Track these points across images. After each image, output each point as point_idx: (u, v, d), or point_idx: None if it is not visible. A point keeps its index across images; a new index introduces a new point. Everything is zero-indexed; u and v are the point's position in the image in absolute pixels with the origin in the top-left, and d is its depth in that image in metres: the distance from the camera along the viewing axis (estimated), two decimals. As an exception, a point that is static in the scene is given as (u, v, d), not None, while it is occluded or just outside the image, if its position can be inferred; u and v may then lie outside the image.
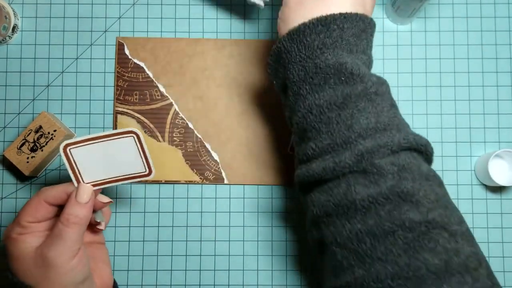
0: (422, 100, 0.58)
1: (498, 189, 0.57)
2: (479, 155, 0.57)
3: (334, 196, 0.37)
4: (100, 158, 0.44)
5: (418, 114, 0.58)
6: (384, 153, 0.36)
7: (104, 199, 0.46)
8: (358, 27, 0.40)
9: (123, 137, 0.44)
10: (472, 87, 0.58)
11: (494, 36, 0.58)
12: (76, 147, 0.44)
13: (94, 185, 0.44)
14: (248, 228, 0.57)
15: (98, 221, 0.46)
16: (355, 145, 0.37)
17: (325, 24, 0.39)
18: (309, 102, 0.39)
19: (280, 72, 0.42)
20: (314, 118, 0.39)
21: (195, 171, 0.57)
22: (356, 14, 0.40)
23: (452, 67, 0.58)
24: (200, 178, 0.57)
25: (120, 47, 0.58)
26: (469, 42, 0.58)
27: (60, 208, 0.43)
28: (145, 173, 0.46)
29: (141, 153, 0.45)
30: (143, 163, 0.45)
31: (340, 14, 0.39)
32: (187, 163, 0.57)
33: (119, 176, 0.45)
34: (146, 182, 0.57)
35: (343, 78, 0.38)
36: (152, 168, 0.46)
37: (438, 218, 0.34)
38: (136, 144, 0.44)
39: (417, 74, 0.58)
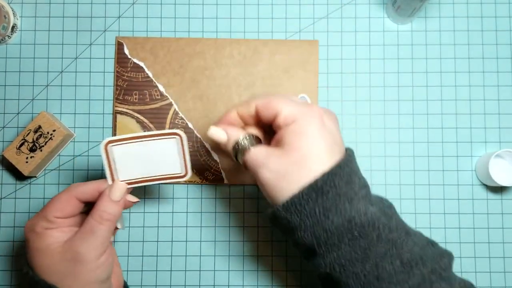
0: (423, 100, 0.58)
1: (498, 189, 0.57)
2: (479, 155, 0.57)
3: None
4: (139, 157, 0.45)
5: (418, 114, 0.58)
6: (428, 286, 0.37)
7: (133, 198, 0.46)
8: (347, 173, 0.39)
9: (167, 138, 0.44)
10: (472, 86, 0.58)
11: (495, 35, 0.58)
12: (117, 145, 0.44)
13: (128, 183, 0.45)
14: (248, 228, 0.57)
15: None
16: None
17: (318, 189, 0.38)
18: (330, 261, 0.39)
19: (286, 233, 0.42)
20: (340, 275, 0.39)
21: (195, 171, 0.57)
22: (340, 163, 0.39)
23: (452, 66, 0.58)
24: (200, 179, 0.57)
25: (119, 46, 0.58)
26: (470, 42, 0.58)
27: (87, 204, 0.44)
28: (181, 174, 0.46)
29: (182, 154, 0.45)
30: (182, 165, 0.46)
31: (328, 174, 0.38)
32: None
33: (154, 176, 0.46)
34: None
35: (356, 234, 0.38)
36: (189, 170, 0.46)
37: None
38: (179, 145, 0.45)
39: (417, 73, 0.58)
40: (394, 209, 0.42)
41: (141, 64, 0.58)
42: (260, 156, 0.40)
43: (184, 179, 0.46)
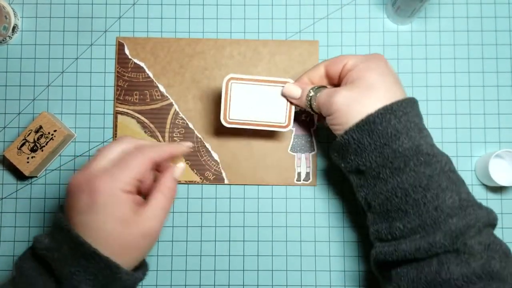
0: (423, 100, 0.58)
1: (498, 189, 0.57)
2: (479, 155, 0.57)
3: (426, 274, 0.39)
4: (253, 100, 0.50)
5: (418, 114, 0.58)
6: (474, 232, 0.39)
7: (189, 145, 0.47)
8: (415, 108, 0.43)
9: (280, 85, 0.50)
10: (472, 87, 0.58)
11: (494, 36, 0.58)
12: (238, 83, 0.50)
13: (235, 123, 0.50)
14: (248, 228, 0.57)
15: None
16: (445, 224, 0.39)
17: (392, 111, 0.41)
18: (392, 186, 0.41)
19: (350, 159, 0.44)
20: (400, 200, 0.41)
21: (195, 171, 0.57)
22: (410, 98, 0.43)
23: (452, 67, 0.58)
24: (200, 178, 0.57)
25: (120, 47, 0.58)
26: (470, 42, 0.58)
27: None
28: (284, 124, 0.51)
29: (288, 105, 0.50)
30: (286, 115, 0.51)
31: (402, 100, 0.42)
32: (187, 163, 0.57)
33: (260, 121, 0.51)
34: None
35: (422, 159, 0.41)
36: (291, 122, 0.51)
37: None
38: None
39: (417, 74, 0.58)
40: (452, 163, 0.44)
41: (142, 64, 0.58)
42: (332, 90, 0.45)
43: (286, 129, 0.51)
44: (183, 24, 0.59)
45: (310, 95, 0.48)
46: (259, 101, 0.51)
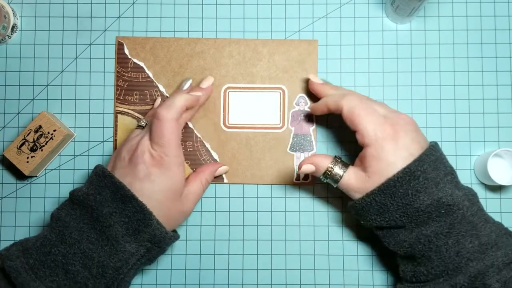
0: (422, 99, 0.58)
1: (497, 188, 0.57)
2: (478, 154, 0.57)
3: None
4: (248, 105, 0.56)
5: (417, 113, 0.58)
6: (493, 272, 0.42)
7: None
8: (432, 160, 0.45)
9: (273, 91, 0.56)
10: (471, 86, 0.58)
11: (494, 35, 0.58)
12: (235, 91, 0.57)
13: (234, 127, 0.56)
14: (248, 227, 0.57)
15: None
16: (466, 268, 0.42)
17: (411, 173, 0.44)
18: (416, 234, 0.45)
19: (370, 218, 0.47)
20: (423, 247, 0.44)
21: (195, 170, 0.57)
22: (426, 152, 0.45)
23: (451, 66, 0.58)
24: None
25: (119, 46, 0.58)
26: (469, 41, 0.58)
27: None
28: (279, 126, 0.57)
29: (281, 108, 0.57)
30: (280, 117, 0.57)
31: (418, 160, 0.44)
32: (186, 162, 0.57)
33: (257, 124, 0.56)
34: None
35: (443, 211, 0.43)
36: (286, 123, 0.57)
37: None
38: (281, 99, 0.56)
39: (416, 73, 0.58)
40: (477, 198, 0.46)
41: (141, 64, 0.58)
42: (350, 184, 0.47)
43: (281, 130, 0.56)
44: (182, 24, 0.59)
45: (328, 174, 0.49)
46: (254, 106, 0.57)
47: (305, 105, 0.57)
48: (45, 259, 0.43)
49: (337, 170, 0.48)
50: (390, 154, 0.45)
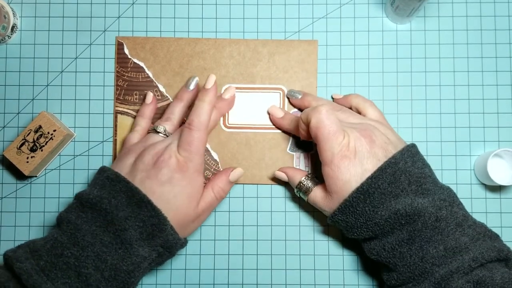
0: (422, 99, 0.58)
1: (497, 189, 0.57)
2: (478, 154, 0.57)
3: None
4: (248, 106, 0.57)
5: (417, 113, 0.58)
6: (457, 277, 0.42)
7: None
8: (389, 174, 0.45)
9: (272, 91, 0.57)
10: (471, 86, 0.58)
11: (493, 35, 0.58)
12: (235, 92, 0.57)
13: (234, 127, 0.57)
14: (248, 227, 0.57)
15: None
16: (431, 273, 0.43)
17: (364, 192, 0.45)
18: (383, 243, 0.46)
19: (345, 232, 0.50)
20: (388, 254, 0.46)
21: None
22: (381, 167, 0.45)
23: (451, 66, 0.58)
24: None
25: (119, 46, 0.58)
26: (469, 41, 0.58)
27: None
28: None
29: (282, 108, 0.57)
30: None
31: (371, 178, 0.45)
32: None
33: (257, 125, 0.57)
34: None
35: (403, 222, 0.44)
36: None
37: None
38: (280, 99, 0.57)
39: (416, 73, 0.58)
40: (454, 200, 0.47)
41: (141, 64, 0.58)
42: (317, 201, 0.50)
43: (280, 130, 0.57)
44: (182, 24, 0.59)
45: (300, 188, 0.52)
46: (254, 107, 0.57)
47: None
48: (56, 261, 0.43)
49: (308, 185, 0.51)
50: (345, 173, 0.46)
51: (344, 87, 0.58)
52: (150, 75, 0.58)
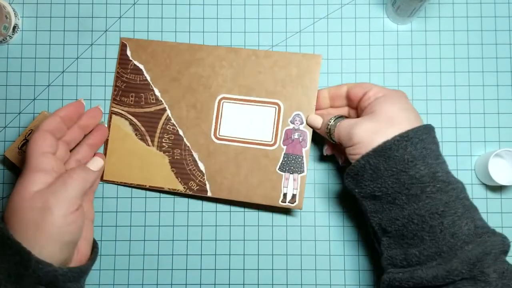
0: (422, 99, 0.58)
1: (498, 189, 0.57)
2: (479, 155, 0.57)
3: None
4: (241, 118, 0.54)
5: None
6: (490, 259, 0.39)
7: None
8: (431, 135, 0.44)
9: (268, 106, 0.54)
10: (472, 86, 0.58)
11: (494, 35, 0.58)
12: (230, 102, 0.55)
13: (224, 139, 0.54)
14: (248, 227, 0.57)
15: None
16: (461, 251, 0.40)
17: (409, 139, 0.42)
18: (409, 212, 0.42)
19: (364, 185, 0.45)
20: (416, 227, 0.42)
21: (180, 179, 0.56)
22: (426, 125, 0.44)
23: (452, 66, 0.58)
24: (184, 188, 0.55)
25: (123, 47, 0.58)
26: (469, 42, 0.58)
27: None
28: (270, 143, 0.54)
29: (275, 124, 0.54)
30: (273, 133, 0.54)
31: (418, 127, 0.43)
32: (172, 170, 0.56)
33: (248, 139, 0.54)
34: (131, 186, 0.57)
35: (438, 186, 0.41)
36: (278, 141, 0.54)
37: None
38: (275, 115, 0.54)
39: (417, 73, 0.58)
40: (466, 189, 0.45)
41: (141, 66, 0.57)
42: (352, 122, 0.46)
43: (272, 148, 0.54)
44: (183, 24, 0.59)
45: (330, 123, 0.49)
46: (248, 120, 0.54)
47: (300, 124, 0.54)
48: None
49: (340, 119, 0.49)
50: (397, 109, 0.45)
51: (345, 87, 0.58)
52: (148, 78, 0.57)
